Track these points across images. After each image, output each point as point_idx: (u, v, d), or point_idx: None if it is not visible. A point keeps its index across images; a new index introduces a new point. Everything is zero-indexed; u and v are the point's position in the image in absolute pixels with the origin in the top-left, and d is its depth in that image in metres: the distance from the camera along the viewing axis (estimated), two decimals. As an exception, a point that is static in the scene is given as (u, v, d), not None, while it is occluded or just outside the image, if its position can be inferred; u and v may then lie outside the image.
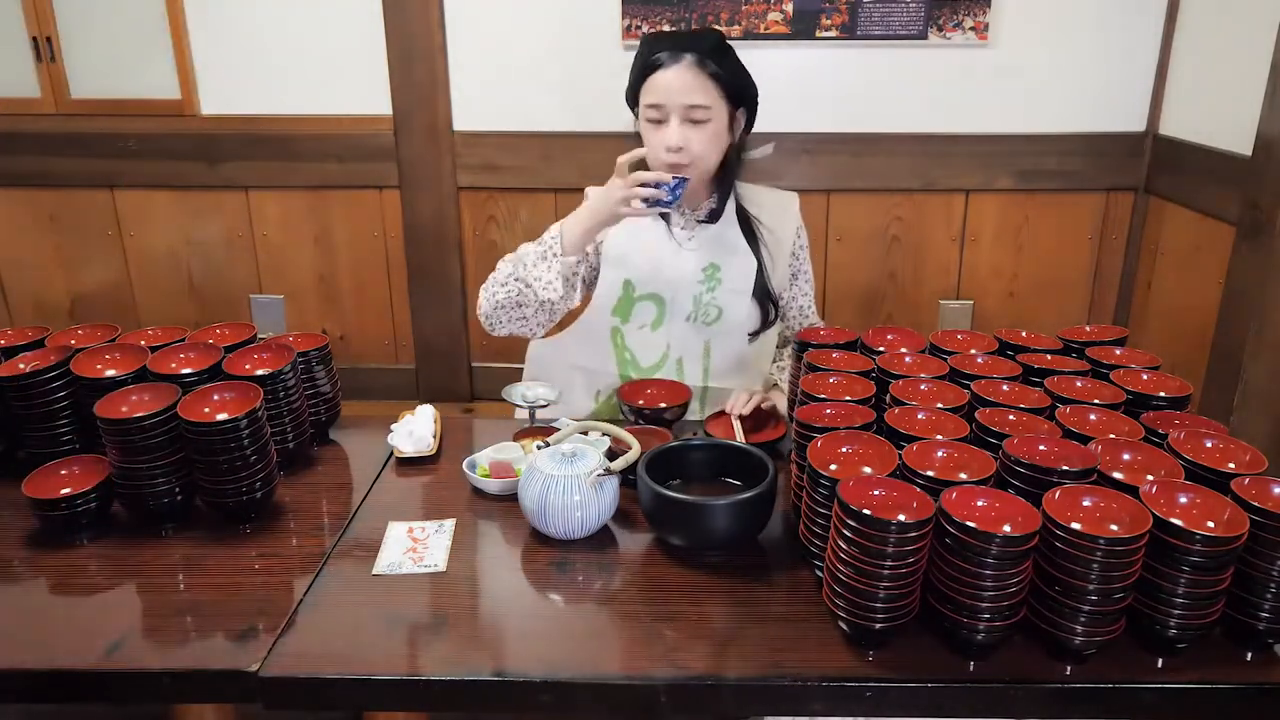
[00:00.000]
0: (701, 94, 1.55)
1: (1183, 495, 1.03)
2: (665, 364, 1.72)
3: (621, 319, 1.71)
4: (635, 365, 1.73)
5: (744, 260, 1.69)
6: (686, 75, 1.55)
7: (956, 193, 2.98)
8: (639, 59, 1.60)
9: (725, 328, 1.71)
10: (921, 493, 1.01)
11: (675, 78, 1.54)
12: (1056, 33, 2.78)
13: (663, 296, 1.69)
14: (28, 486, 1.25)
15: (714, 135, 1.59)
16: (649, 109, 1.58)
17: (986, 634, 0.98)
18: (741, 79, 1.61)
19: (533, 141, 2.97)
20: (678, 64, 1.54)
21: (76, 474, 1.30)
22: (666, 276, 1.68)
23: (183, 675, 1.02)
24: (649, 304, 1.70)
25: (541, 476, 1.23)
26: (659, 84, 1.56)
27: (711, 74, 1.55)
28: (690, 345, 1.72)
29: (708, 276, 1.68)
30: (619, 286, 1.69)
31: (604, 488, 1.24)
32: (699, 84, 1.55)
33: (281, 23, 2.93)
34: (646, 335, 1.71)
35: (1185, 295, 2.68)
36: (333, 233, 3.14)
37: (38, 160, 3.07)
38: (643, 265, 1.68)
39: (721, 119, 1.59)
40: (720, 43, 1.59)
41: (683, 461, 1.32)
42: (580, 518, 1.23)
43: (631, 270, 1.68)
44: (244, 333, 1.53)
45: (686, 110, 1.55)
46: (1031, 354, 1.41)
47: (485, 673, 1.01)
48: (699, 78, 1.55)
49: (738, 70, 1.61)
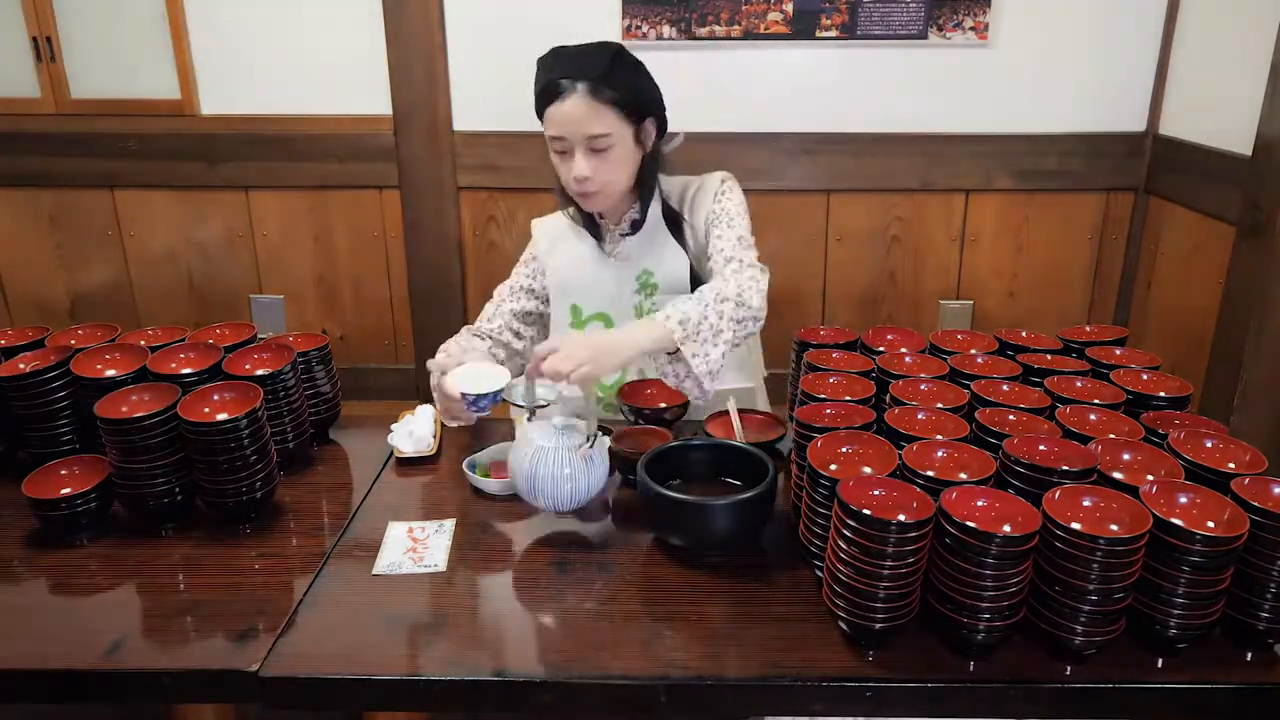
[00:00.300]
0: (600, 123, 1.50)
1: (1183, 495, 1.03)
2: (625, 377, 1.68)
3: None
4: (600, 384, 1.71)
5: (674, 257, 1.65)
6: (582, 106, 1.49)
7: (956, 193, 2.97)
8: (537, 82, 1.55)
9: None
10: (921, 493, 1.01)
11: (572, 109, 1.49)
12: (1056, 33, 2.78)
13: (608, 314, 1.68)
14: (28, 486, 1.25)
15: (620, 158, 1.55)
16: (552, 140, 1.54)
17: (986, 634, 0.98)
18: (641, 94, 1.56)
19: (533, 141, 2.92)
20: (574, 94, 1.49)
21: (76, 474, 1.30)
22: (605, 293, 1.67)
23: (183, 675, 1.02)
24: (597, 324, 1.69)
25: (532, 448, 1.25)
26: (557, 117, 1.51)
27: (608, 100, 1.50)
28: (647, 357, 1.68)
29: (641, 285, 1.66)
30: (568, 312, 1.69)
31: (593, 461, 1.25)
32: (596, 113, 1.50)
33: (281, 23, 2.93)
34: None
35: (1185, 295, 2.68)
36: (333, 233, 3.14)
37: (38, 160, 3.07)
38: (582, 287, 1.67)
39: (626, 139, 1.54)
40: (612, 62, 1.51)
41: (683, 461, 1.32)
42: (570, 490, 1.24)
43: (574, 294, 1.67)
44: (244, 333, 1.53)
45: (588, 140, 1.51)
46: (1031, 354, 1.41)
47: (485, 673, 1.01)
48: (595, 107, 1.49)
49: (636, 87, 1.55)
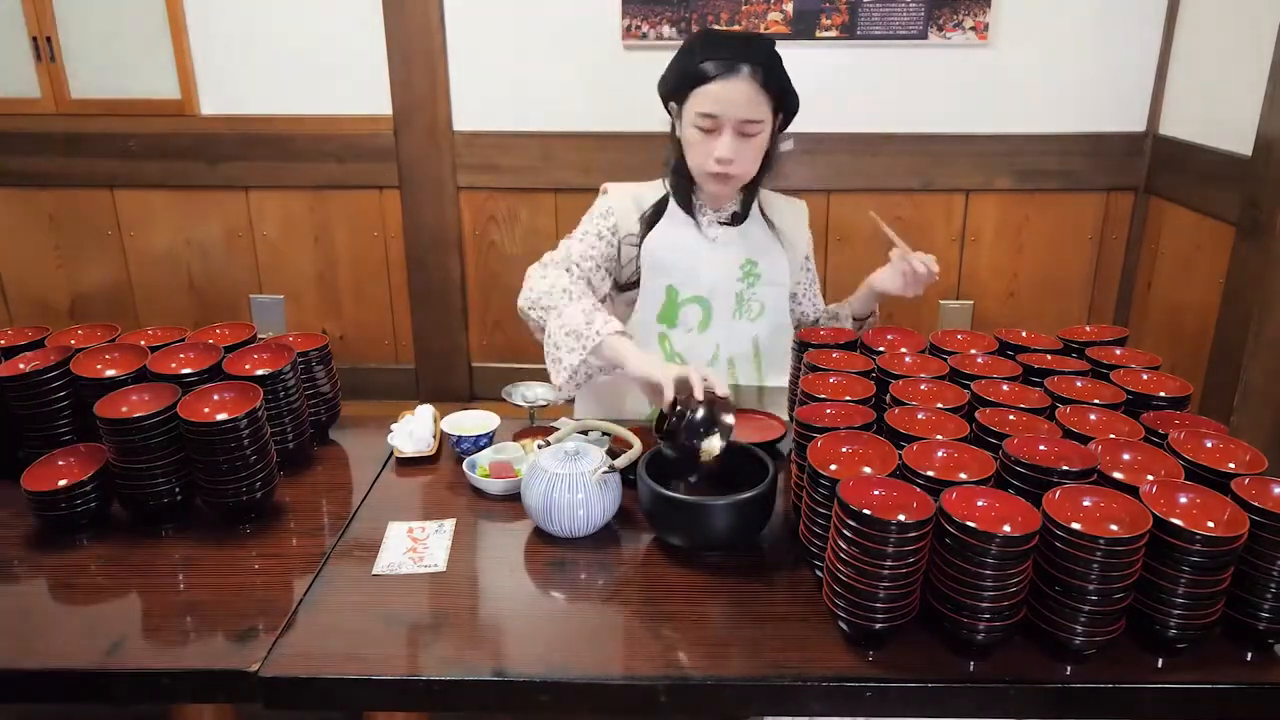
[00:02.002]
0: (757, 108, 1.51)
1: (1183, 495, 1.03)
2: (716, 366, 1.70)
3: (668, 324, 1.69)
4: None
5: (777, 255, 1.69)
6: (745, 89, 1.49)
7: (956, 193, 2.97)
8: (689, 60, 1.54)
9: (771, 323, 1.70)
10: (921, 493, 1.01)
11: (734, 91, 1.49)
12: (1056, 33, 2.78)
13: (706, 298, 1.67)
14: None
15: (760, 146, 1.57)
16: (701, 117, 1.53)
17: (986, 634, 0.98)
18: (790, 88, 1.58)
19: (533, 141, 2.97)
20: (735, 75, 1.49)
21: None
22: (707, 277, 1.66)
23: (183, 675, 1.02)
24: (694, 306, 1.68)
25: (546, 475, 1.23)
26: (714, 94, 1.50)
27: (766, 86, 1.51)
28: (739, 344, 1.70)
29: (746, 273, 1.67)
30: (662, 293, 1.66)
31: (607, 485, 1.24)
32: (755, 98, 1.51)
33: (281, 23, 2.92)
34: (694, 338, 1.69)
35: (1185, 295, 2.68)
36: (333, 233, 3.14)
37: (38, 160, 3.07)
38: (682, 268, 1.65)
39: (768, 130, 1.56)
40: (774, 52, 1.54)
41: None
42: (584, 515, 1.23)
43: (672, 275, 1.66)
44: (244, 333, 1.53)
45: (741, 124, 1.52)
46: (1031, 354, 1.41)
47: (485, 673, 1.01)
48: (756, 91, 1.50)
49: (787, 80, 1.57)
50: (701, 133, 1.54)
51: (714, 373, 1.35)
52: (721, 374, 1.67)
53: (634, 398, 1.75)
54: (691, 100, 1.54)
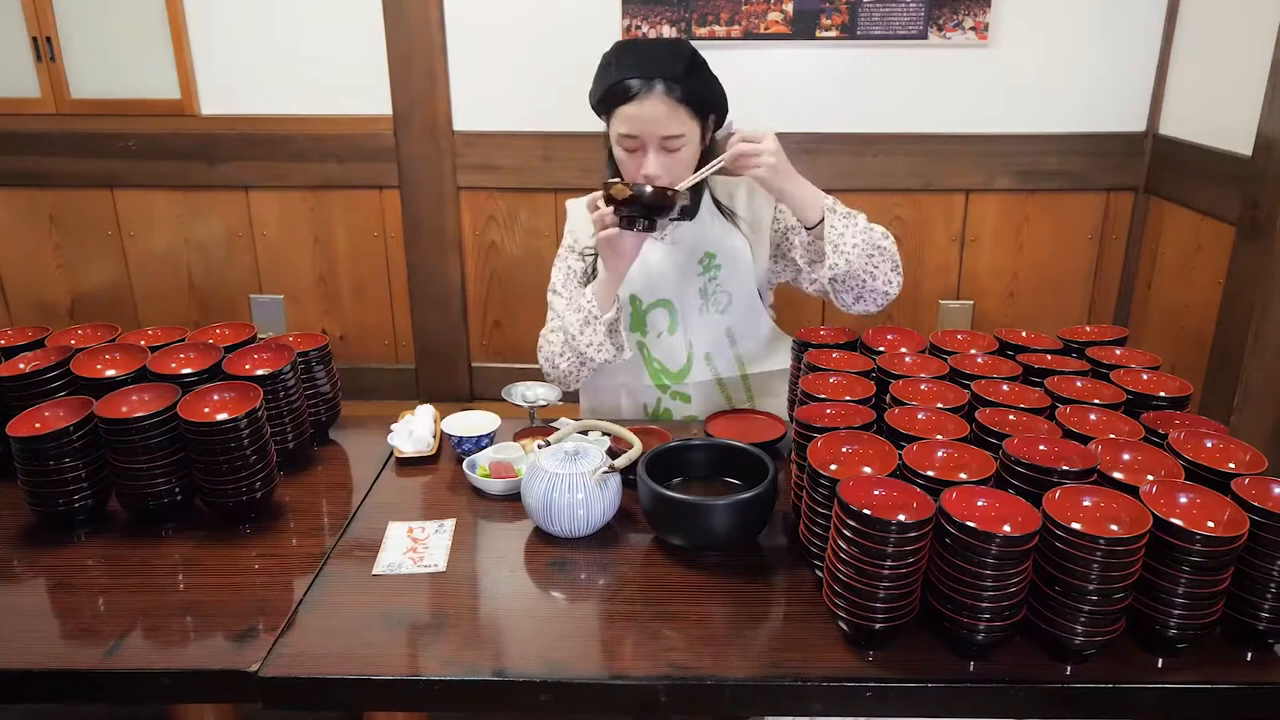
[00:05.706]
0: (677, 123, 1.50)
1: (1183, 495, 1.02)
2: (693, 364, 1.70)
3: (640, 333, 1.70)
4: (666, 373, 1.72)
5: (736, 241, 1.67)
6: (661, 106, 1.49)
7: (956, 193, 2.97)
8: (606, 77, 1.54)
9: (741, 311, 1.69)
10: (921, 493, 1.01)
11: (651, 109, 1.49)
12: (1056, 33, 2.78)
13: (670, 300, 1.68)
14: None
15: (689, 156, 1.56)
16: (623, 138, 1.53)
17: (986, 634, 0.98)
18: (712, 92, 1.56)
19: (533, 141, 2.97)
20: (650, 94, 1.48)
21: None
22: (667, 279, 1.67)
23: (183, 675, 1.02)
24: (660, 311, 1.69)
25: (546, 475, 1.23)
26: (631, 116, 1.50)
27: (684, 102, 1.50)
28: (713, 339, 1.70)
29: (705, 267, 1.67)
30: (627, 303, 1.68)
31: (607, 485, 1.24)
32: (674, 113, 1.50)
33: (281, 23, 2.92)
34: (666, 341, 1.70)
35: (1185, 295, 2.68)
36: (333, 233, 3.14)
37: (38, 160, 3.07)
38: (639, 275, 1.66)
39: (695, 137, 1.55)
40: (690, 63, 1.52)
41: (683, 461, 1.32)
42: (584, 515, 1.23)
43: (632, 284, 1.66)
44: (244, 333, 1.53)
45: (662, 140, 1.51)
46: (1031, 354, 1.41)
47: (485, 673, 1.01)
48: (673, 107, 1.49)
49: (709, 85, 1.55)
50: (627, 151, 1.55)
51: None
52: (701, 370, 1.70)
53: (634, 398, 1.75)
54: (613, 120, 1.55)
